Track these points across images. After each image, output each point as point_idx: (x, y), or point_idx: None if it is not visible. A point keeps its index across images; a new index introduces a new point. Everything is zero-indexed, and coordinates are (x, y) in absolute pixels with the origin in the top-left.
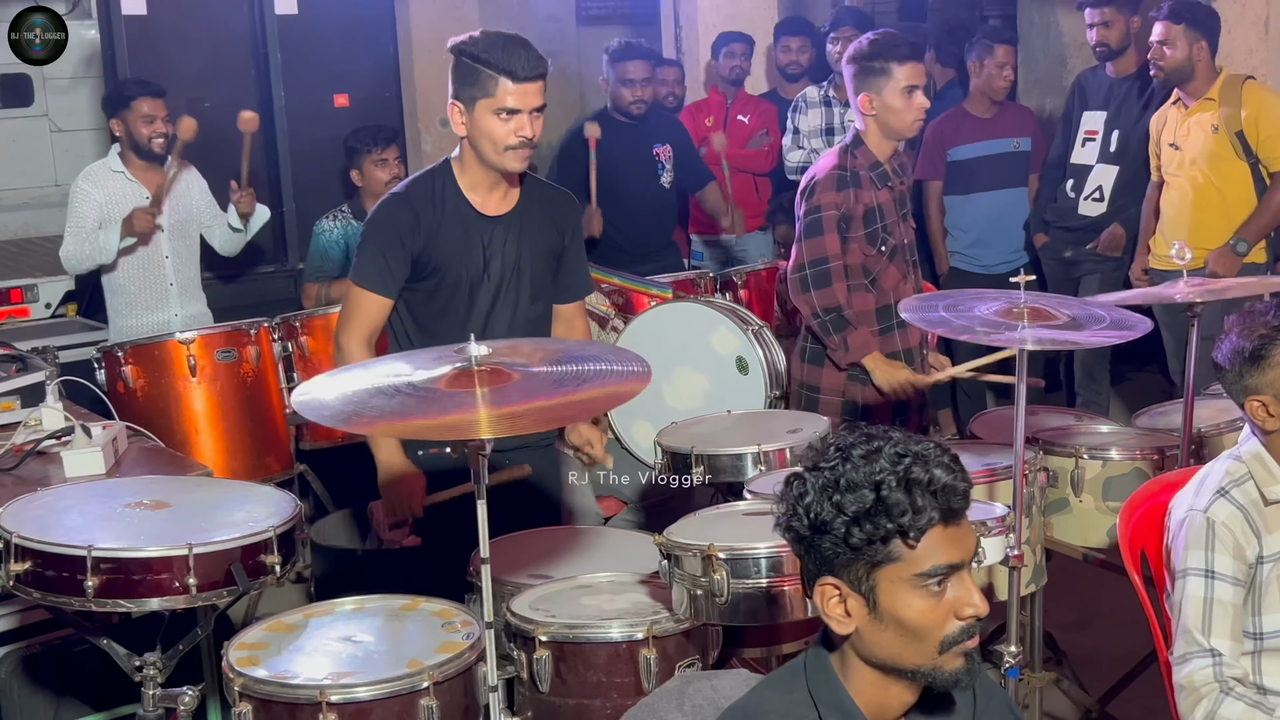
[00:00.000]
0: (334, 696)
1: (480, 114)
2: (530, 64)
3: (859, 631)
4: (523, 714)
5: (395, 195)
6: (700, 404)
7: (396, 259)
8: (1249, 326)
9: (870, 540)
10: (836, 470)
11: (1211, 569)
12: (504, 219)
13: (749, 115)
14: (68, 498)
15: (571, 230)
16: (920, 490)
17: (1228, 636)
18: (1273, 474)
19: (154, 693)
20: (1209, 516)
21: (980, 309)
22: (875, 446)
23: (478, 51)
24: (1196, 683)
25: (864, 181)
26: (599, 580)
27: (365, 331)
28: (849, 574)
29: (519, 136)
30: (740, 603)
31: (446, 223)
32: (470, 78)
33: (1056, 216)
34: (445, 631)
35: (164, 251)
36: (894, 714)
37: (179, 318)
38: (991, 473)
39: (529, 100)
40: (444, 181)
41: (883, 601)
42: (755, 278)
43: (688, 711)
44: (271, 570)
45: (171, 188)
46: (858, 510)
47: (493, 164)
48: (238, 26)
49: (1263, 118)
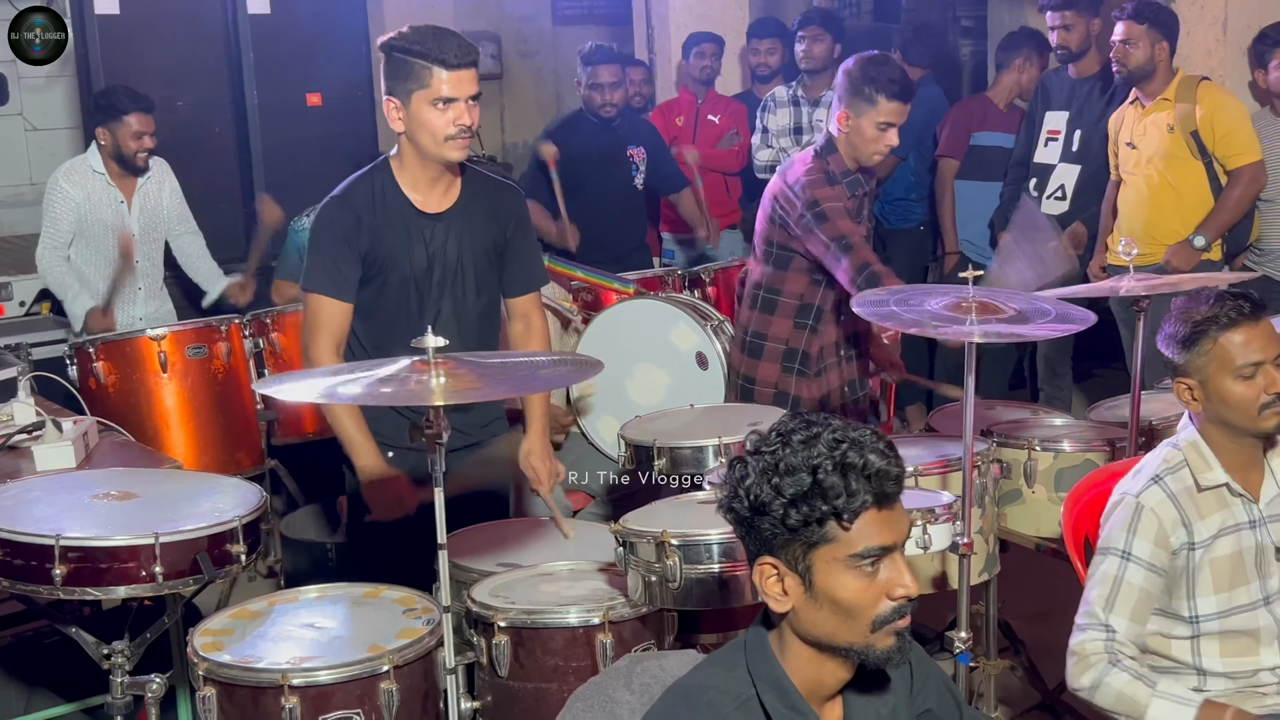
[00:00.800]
0: (296, 680)
1: (417, 106)
2: (462, 51)
3: (795, 610)
4: (482, 698)
5: (335, 198)
6: (662, 399)
7: (346, 261)
8: (1186, 312)
9: (806, 522)
10: (776, 454)
11: (1129, 551)
12: (445, 215)
13: (719, 115)
14: (37, 489)
15: (515, 222)
16: (855, 474)
17: (1127, 617)
18: (1207, 461)
19: (122, 680)
20: (1139, 501)
21: (930, 303)
22: (814, 432)
23: (408, 44)
24: (1087, 651)
25: (846, 184)
26: (559, 568)
27: (333, 339)
28: (786, 554)
29: (457, 125)
30: (693, 588)
31: (388, 222)
32: (403, 71)
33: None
34: (406, 618)
35: (133, 255)
36: (829, 690)
37: (144, 320)
38: (945, 463)
39: (464, 88)
40: (383, 181)
41: (818, 581)
42: (723, 275)
43: (635, 690)
44: (237, 559)
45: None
46: (795, 493)
47: (433, 156)
48: (210, 26)
49: (1218, 117)
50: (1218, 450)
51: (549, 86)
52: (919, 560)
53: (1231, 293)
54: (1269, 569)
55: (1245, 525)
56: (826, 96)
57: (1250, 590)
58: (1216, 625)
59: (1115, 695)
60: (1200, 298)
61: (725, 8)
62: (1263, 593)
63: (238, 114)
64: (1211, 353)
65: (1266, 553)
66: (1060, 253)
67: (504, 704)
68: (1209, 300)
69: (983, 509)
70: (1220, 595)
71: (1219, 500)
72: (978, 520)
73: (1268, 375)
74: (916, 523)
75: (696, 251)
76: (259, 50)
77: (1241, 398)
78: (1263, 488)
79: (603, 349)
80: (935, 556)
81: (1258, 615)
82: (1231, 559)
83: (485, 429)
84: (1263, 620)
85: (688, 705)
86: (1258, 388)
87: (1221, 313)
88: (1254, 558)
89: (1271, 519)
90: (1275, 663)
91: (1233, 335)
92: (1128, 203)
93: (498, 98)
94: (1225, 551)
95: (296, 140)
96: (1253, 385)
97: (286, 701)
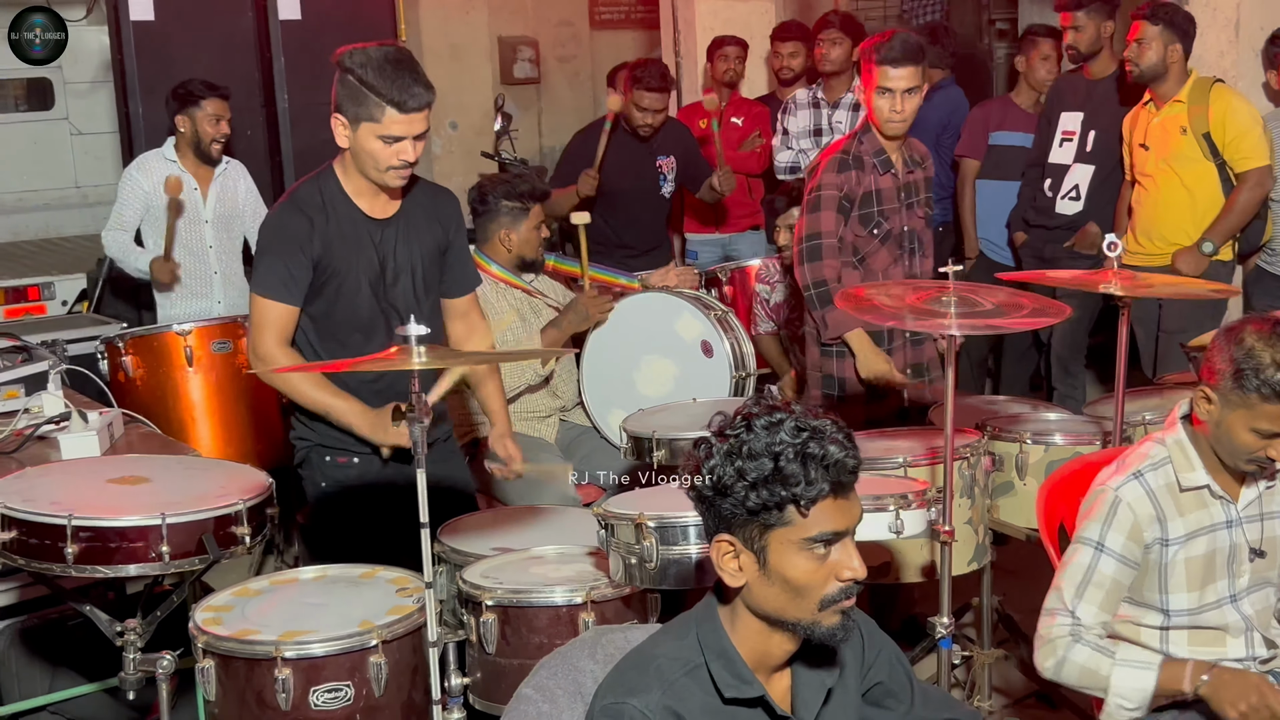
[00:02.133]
0: (288, 652)
1: (364, 135)
2: (419, 96)
3: (748, 585)
4: (472, 674)
5: (287, 204)
6: (670, 389)
7: (298, 264)
8: (1258, 348)
9: (766, 505)
10: (741, 438)
11: (1103, 543)
12: (391, 220)
13: (742, 117)
14: (54, 473)
15: (455, 226)
16: (815, 464)
17: (1096, 605)
18: (1191, 462)
19: (134, 657)
20: (1118, 494)
21: (910, 297)
22: (777, 419)
23: (366, 76)
24: (1054, 635)
25: (867, 166)
26: (548, 552)
27: (280, 338)
28: (743, 533)
29: (400, 159)
30: (669, 568)
31: (338, 228)
32: (357, 98)
33: (1035, 215)
34: (399, 596)
35: (208, 242)
36: (777, 661)
37: (222, 305)
38: (934, 454)
39: (414, 128)
40: (330, 187)
41: (772, 560)
42: (740, 274)
43: (599, 660)
44: (241, 541)
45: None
46: (756, 477)
47: (371, 179)
48: (243, 31)
49: (1229, 120)
50: (1203, 454)
51: (586, 90)
52: (910, 549)
53: None
54: (1240, 568)
55: (1222, 525)
56: (846, 99)
57: (1219, 588)
58: (1187, 620)
59: (1079, 670)
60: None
61: (751, 12)
62: (1230, 590)
63: (269, 117)
64: (1245, 401)
65: (1240, 552)
66: None
67: (492, 679)
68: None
69: (972, 500)
70: (1192, 593)
71: (1198, 501)
72: (967, 510)
73: (1276, 446)
74: (889, 509)
75: (719, 251)
76: (290, 55)
77: (1244, 444)
78: (1243, 489)
79: (610, 343)
80: (925, 545)
81: (1225, 612)
82: (1205, 558)
83: (442, 426)
84: (1230, 617)
85: (638, 670)
86: (1261, 445)
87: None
88: (1227, 557)
89: (1249, 519)
90: (1240, 654)
91: (1269, 406)
92: (1140, 204)
93: (535, 101)
94: (1200, 551)
95: (326, 143)
96: (1258, 442)
97: (280, 673)
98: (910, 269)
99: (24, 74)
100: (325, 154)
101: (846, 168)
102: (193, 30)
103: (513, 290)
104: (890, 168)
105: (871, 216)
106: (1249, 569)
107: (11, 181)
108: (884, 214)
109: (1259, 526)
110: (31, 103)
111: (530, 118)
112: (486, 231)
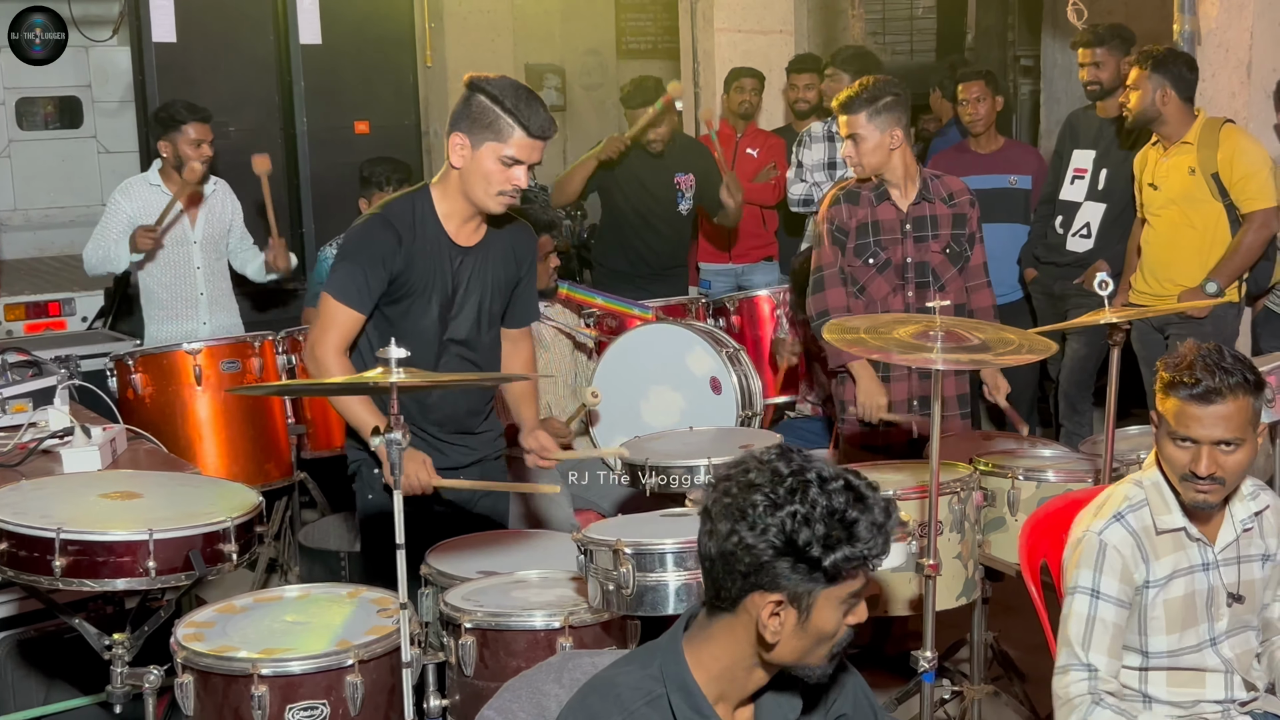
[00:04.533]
0: (265, 670)
1: (485, 154)
2: (548, 125)
3: (781, 640)
4: (451, 696)
5: (379, 216)
6: (676, 421)
7: (376, 277)
8: (1179, 359)
9: (840, 568)
10: (811, 497)
11: (1098, 589)
12: (473, 250)
13: (758, 149)
14: (48, 487)
15: (529, 262)
16: (880, 530)
17: (1105, 653)
18: (1167, 504)
19: (121, 670)
20: (1102, 539)
21: (897, 331)
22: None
23: (501, 95)
24: (1072, 694)
25: (861, 199)
26: (531, 576)
27: (342, 343)
28: (793, 591)
29: (513, 184)
30: (645, 594)
31: (424, 247)
32: (485, 117)
33: (1046, 252)
34: (379, 617)
35: (195, 263)
36: (745, 695)
37: (208, 326)
38: (923, 489)
39: (534, 155)
40: (424, 207)
41: (815, 616)
42: (748, 304)
43: (565, 684)
44: (229, 558)
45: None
46: (841, 542)
47: (476, 201)
48: (263, 54)
49: (1236, 160)
50: (1179, 493)
51: (611, 118)
52: (898, 582)
53: (1225, 365)
54: (1219, 611)
55: (1199, 568)
56: None
57: (1199, 631)
58: (1166, 662)
59: None
60: (1200, 352)
61: (771, 44)
62: (1210, 634)
63: (288, 140)
64: (1169, 408)
65: (1218, 595)
66: None
67: (471, 702)
68: (1205, 360)
69: (962, 534)
70: (1171, 635)
71: (1175, 543)
72: (956, 545)
73: (1195, 456)
74: None
75: (731, 280)
76: (310, 79)
77: (1173, 459)
78: (1220, 532)
79: (619, 371)
80: (913, 579)
81: (1204, 655)
82: (1184, 600)
83: (493, 444)
84: (1210, 660)
85: (599, 696)
86: (1185, 460)
87: (1192, 380)
88: (1205, 600)
89: (1225, 562)
90: (1219, 696)
91: (1190, 406)
92: (1149, 244)
93: (560, 129)
94: (1178, 593)
95: (344, 167)
96: (1184, 454)
97: (256, 690)
98: (918, 301)
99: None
100: (343, 177)
101: (837, 202)
102: (214, 52)
103: None
104: (886, 198)
105: (867, 246)
106: (1227, 613)
107: (39, 198)
108: (881, 244)
109: (1235, 570)
110: (61, 121)
111: (556, 145)
112: None
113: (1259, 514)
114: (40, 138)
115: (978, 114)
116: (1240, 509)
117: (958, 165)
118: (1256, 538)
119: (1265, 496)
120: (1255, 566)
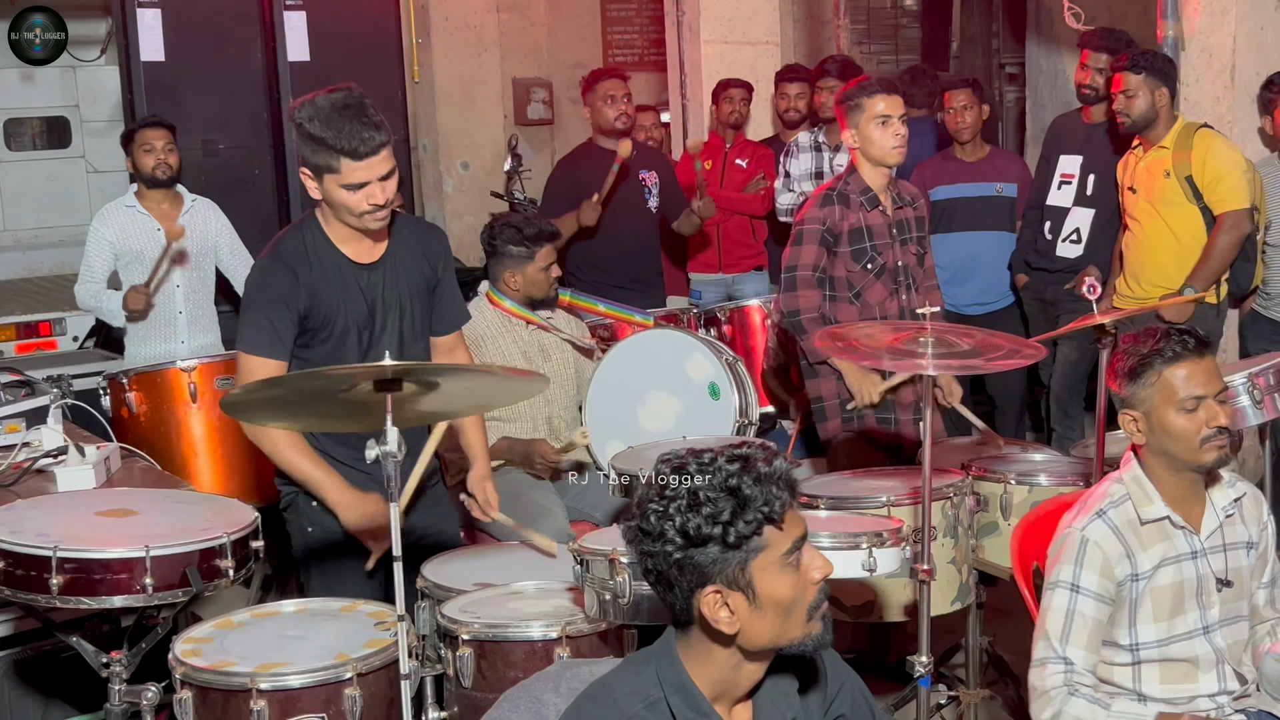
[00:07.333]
0: (264, 684)
1: (329, 186)
2: (369, 142)
3: (742, 627)
4: (449, 709)
5: (270, 259)
6: (672, 427)
7: (283, 319)
8: (1132, 346)
9: (746, 535)
10: (690, 488)
11: (1078, 584)
12: (378, 264)
13: (746, 159)
14: (43, 505)
15: (444, 262)
16: (768, 480)
17: (1083, 647)
18: (1148, 495)
19: (119, 688)
20: (1084, 535)
21: (887, 338)
22: (706, 459)
23: (314, 130)
24: (1048, 686)
25: (852, 203)
26: (528, 587)
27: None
28: (726, 575)
29: (371, 203)
30: (641, 603)
31: (324, 277)
32: (314, 152)
33: (1036, 258)
34: (377, 630)
35: (175, 281)
36: (742, 691)
37: (186, 345)
38: (916, 494)
39: (374, 171)
40: (314, 236)
41: (760, 590)
42: (739, 314)
43: (563, 693)
44: (225, 574)
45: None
46: (730, 512)
47: (352, 226)
48: (252, 72)
49: (1209, 162)
50: (1159, 484)
51: None
52: (893, 587)
53: (1178, 329)
54: (1210, 599)
55: (1186, 556)
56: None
57: (1189, 619)
58: (1157, 653)
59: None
60: (1146, 333)
61: (757, 55)
62: (1203, 622)
63: (276, 157)
64: (1156, 385)
65: (1207, 583)
66: None
67: (469, 713)
68: (1155, 335)
69: (956, 539)
70: (1160, 624)
71: (1160, 533)
72: (950, 550)
73: (1209, 409)
74: (862, 547)
75: (722, 291)
76: (298, 95)
77: (1183, 430)
78: (1204, 520)
79: (619, 373)
80: (907, 584)
81: (1195, 644)
82: (1172, 589)
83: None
84: (1201, 649)
85: (596, 703)
86: (1199, 421)
87: (1166, 347)
88: (1195, 588)
89: (1212, 550)
90: (1213, 689)
91: (1177, 369)
92: (1129, 247)
93: (549, 142)
94: (1166, 581)
95: None
96: (1194, 419)
97: (255, 704)
98: (906, 304)
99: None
100: None
101: (830, 202)
102: (202, 71)
103: (523, 325)
104: (878, 204)
105: (865, 251)
106: (1219, 600)
107: (28, 218)
108: (877, 249)
109: (1223, 557)
110: (49, 140)
111: (544, 159)
112: (495, 272)
113: (1238, 500)
114: (29, 158)
115: (964, 122)
116: (1220, 496)
117: (944, 173)
118: (1239, 524)
119: (1241, 485)
120: (1241, 554)
